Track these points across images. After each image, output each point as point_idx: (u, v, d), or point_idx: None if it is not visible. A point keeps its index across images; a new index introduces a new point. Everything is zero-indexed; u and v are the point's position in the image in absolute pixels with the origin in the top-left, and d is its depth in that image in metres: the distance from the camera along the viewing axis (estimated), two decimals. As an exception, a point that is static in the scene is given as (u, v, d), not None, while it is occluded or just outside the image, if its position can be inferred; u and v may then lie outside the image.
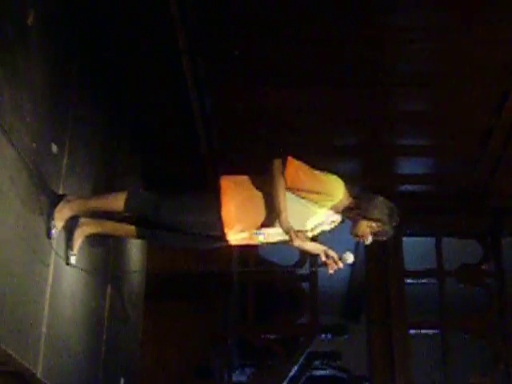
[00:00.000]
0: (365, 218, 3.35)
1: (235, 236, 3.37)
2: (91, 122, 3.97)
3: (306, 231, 3.40)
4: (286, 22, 4.02)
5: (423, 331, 6.37)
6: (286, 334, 6.50)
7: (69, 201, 3.35)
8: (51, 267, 3.25)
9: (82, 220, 3.49)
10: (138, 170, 5.27)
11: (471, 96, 4.61)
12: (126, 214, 3.48)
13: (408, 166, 5.69)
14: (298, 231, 3.26)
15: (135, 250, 5.08)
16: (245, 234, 3.38)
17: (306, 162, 3.48)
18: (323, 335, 7.20)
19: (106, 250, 4.21)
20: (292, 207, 3.30)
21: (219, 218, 3.27)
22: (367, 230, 3.37)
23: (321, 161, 5.58)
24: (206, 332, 5.94)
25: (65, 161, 3.48)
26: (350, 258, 3.35)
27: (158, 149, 5.32)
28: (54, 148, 3.32)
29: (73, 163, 3.58)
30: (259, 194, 3.36)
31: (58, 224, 3.28)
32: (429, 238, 6.41)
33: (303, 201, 3.35)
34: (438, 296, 6.24)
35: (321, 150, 5.39)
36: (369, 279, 6.28)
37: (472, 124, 4.95)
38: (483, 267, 6.32)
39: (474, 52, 4.18)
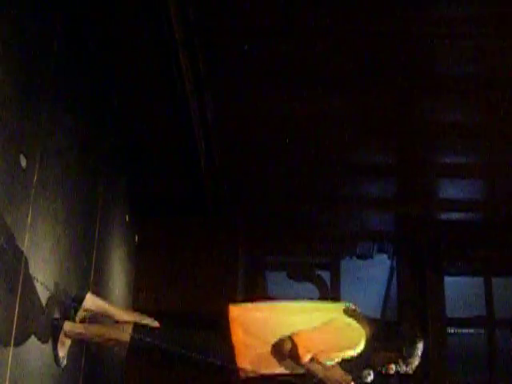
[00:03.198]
0: (382, 348, 3.71)
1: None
2: (68, 129, 3.94)
3: None
4: (302, 11, 4.00)
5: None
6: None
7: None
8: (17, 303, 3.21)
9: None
10: (122, 191, 5.26)
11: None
12: None
13: (451, 190, 5.70)
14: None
15: (119, 288, 5.06)
16: None
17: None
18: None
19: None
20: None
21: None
22: (386, 360, 3.71)
23: (344, 182, 5.67)
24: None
25: (35, 177, 3.47)
26: (369, 376, 3.63)
27: (147, 165, 5.33)
28: (23, 161, 3.32)
29: (44, 180, 3.56)
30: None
31: None
32: (476, 279, 6.39)
33: None
34: (486, 351, 6.20)
35: (344, 169, 5.39)
36: (402, 329, 6.23)
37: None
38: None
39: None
